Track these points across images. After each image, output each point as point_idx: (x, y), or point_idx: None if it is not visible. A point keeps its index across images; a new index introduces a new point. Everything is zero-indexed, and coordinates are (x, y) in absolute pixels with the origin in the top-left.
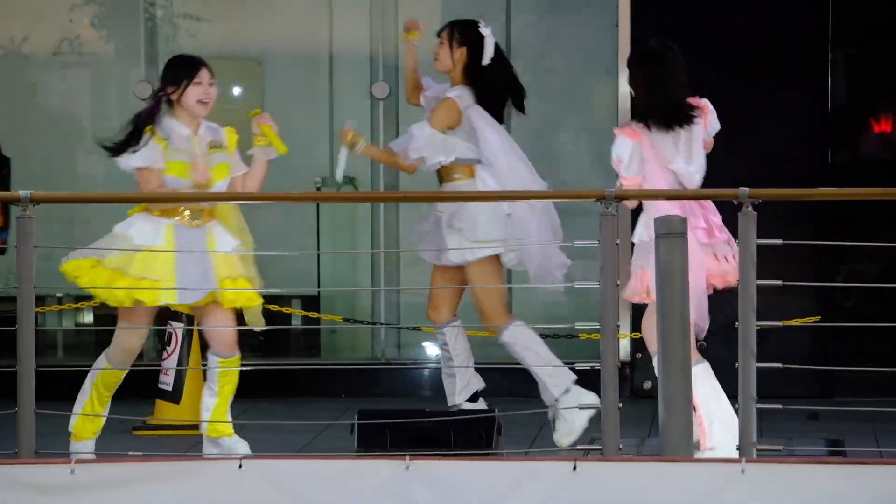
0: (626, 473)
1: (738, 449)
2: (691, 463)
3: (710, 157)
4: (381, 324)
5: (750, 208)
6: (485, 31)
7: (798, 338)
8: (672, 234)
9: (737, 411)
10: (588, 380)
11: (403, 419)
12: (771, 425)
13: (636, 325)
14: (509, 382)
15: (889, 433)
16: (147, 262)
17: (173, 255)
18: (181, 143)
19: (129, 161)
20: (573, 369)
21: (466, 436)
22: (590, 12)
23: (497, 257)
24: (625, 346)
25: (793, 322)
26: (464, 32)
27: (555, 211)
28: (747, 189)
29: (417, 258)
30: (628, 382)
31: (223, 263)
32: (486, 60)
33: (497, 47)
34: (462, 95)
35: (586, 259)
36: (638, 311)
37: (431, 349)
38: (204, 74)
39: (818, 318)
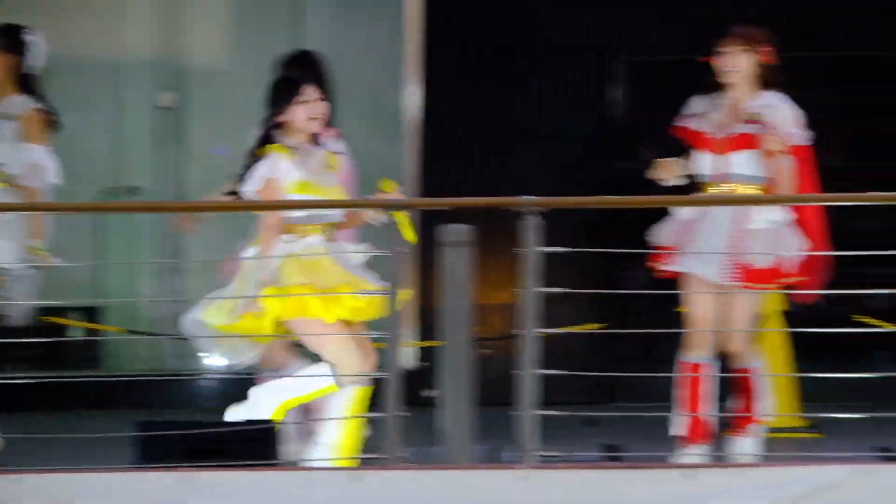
0: (408, 481)
1: (519, 455)
2: (473, 470)
3: (501, 167)
4: (163, 335)
5: (533, 217)
6: (30, 37)
7: (578, 345)
8: (459, 244)
9: (519, 419)
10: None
11: (183, 430)
12: (551, 431)
13: (420, 334)
14: None
15: (664, 438)
16: (309, 267)
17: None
18: (309, 164)
19: (248, 185)
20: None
21: (246, 446)
22: (380, 23)
23: None
24: (408, 354)
25: (573, 329)
26: (9, 38)
27: None
28: (532, 198)
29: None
30: (411, 391)
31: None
32: (32, 68)
33: None
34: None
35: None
36: (423, 319)
37: (213, 360)
38: (311, 91)
39: (599, 325)
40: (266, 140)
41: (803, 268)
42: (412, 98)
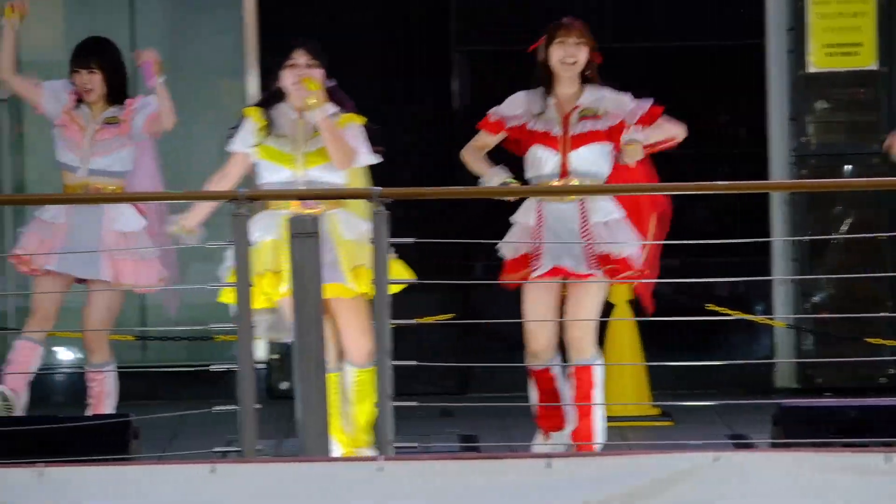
0: (264, 474)
1: (375, 447)
2: (329, 462)
3: None
4: (10, 329)
5: (382, 207)
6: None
7: (433, 336)
8: (305, 234)
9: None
10: (225, 382)
11: (35, 426)
12: (406, 423)
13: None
14: (144, 385)
15: (520, 428)
16: (267, 255)
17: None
18: (286, 127)
19: (228, 146)
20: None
21: (101, 441)
22: (217, 12)
23: None
24: (261, 346)
25: (427, 320)
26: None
27: None
28: (379, 188)
29: None
30: (265, 383)
31: (349, 252)
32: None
33: None
34: None
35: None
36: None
37: (64, 354)
38: (299, 56)
39: (452, 315)
40: (261, 104)
41: (645, 262)
42: (252, 87)
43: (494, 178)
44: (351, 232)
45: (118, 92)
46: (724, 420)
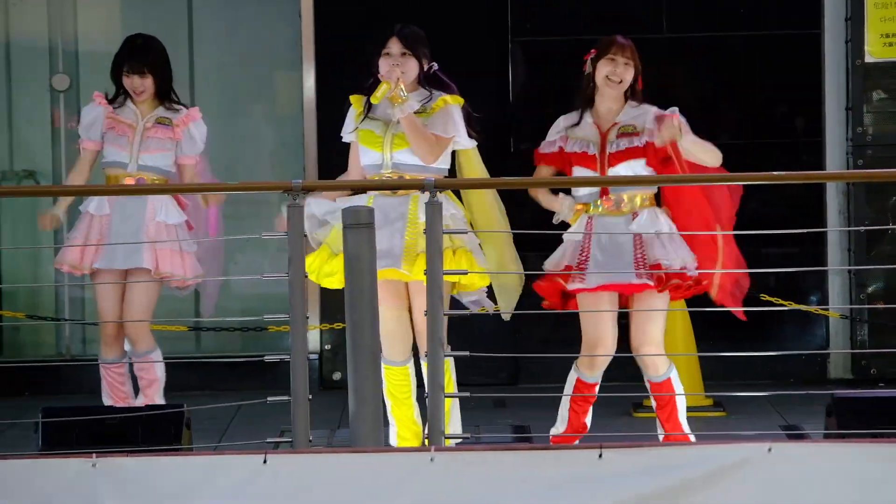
0: (316, 465)
1: (427, 438)
2: (381, 453)
3: None
4: (66, 320)
5: (436, 197)
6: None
7: (485, 326)
8: (359, 226)
9: (426, 400)
10: (278, 372)
11: (89, 416)
12: (459, 413)
13: (325, 317)
14: (197, 376)
15: None
16: (337, 241)
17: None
18: (380, 111)
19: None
20: (263, 362)
21: (154, 431)
22: (273, 4)
23: None
24: (314, 337)
25: (481, 311)
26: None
27: None
28: (433, 178)
29: None
30: (317, 374)
31: (420, 236)
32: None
33: None
34: None
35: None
36: (327, 301)
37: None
38: (393, 45)
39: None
40: (365, 91)
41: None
42: (309, 79)
43: (565, 203)
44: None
45: (166, 90)
46: (778, 410)
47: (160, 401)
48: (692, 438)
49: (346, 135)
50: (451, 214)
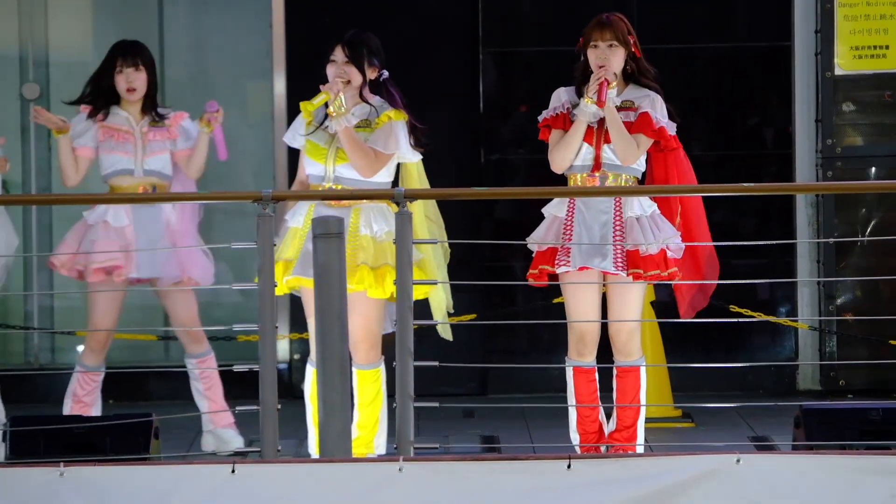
0: (285, 475)
1: (395, 447)
2: (350, 463)
3: None
4: (35, 329)
5: (406, 208)
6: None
7: (454, 336)
8: (329, 235)
9: (395, 409)
10: (247, 382)
11: (57, 425)
12: (428, 423)
13: (294, 326)
14: (166, 385)
15: (541, 429)
16: (286, 243)
17: (305, 235)
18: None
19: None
20: (231, 371)
21: (123, 441)
22: (244, 13)
23: None
24: (283, 347)
25: (450, 321)
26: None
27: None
28: (403, 189)
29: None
30: (287, 383)
31: (360, 248)
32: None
33: None
34: None
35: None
36: (297, 311)
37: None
38: (338, 52)
39: (474, 316)
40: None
41: (682, 260)
42: (279, 88)
43: (587, 114)
44: (368, 229)
45: (153, 95)
46: (747, 422)
47: (223, 402)
48: (638, 449)
49: (292, 141)
50: (390, 231)
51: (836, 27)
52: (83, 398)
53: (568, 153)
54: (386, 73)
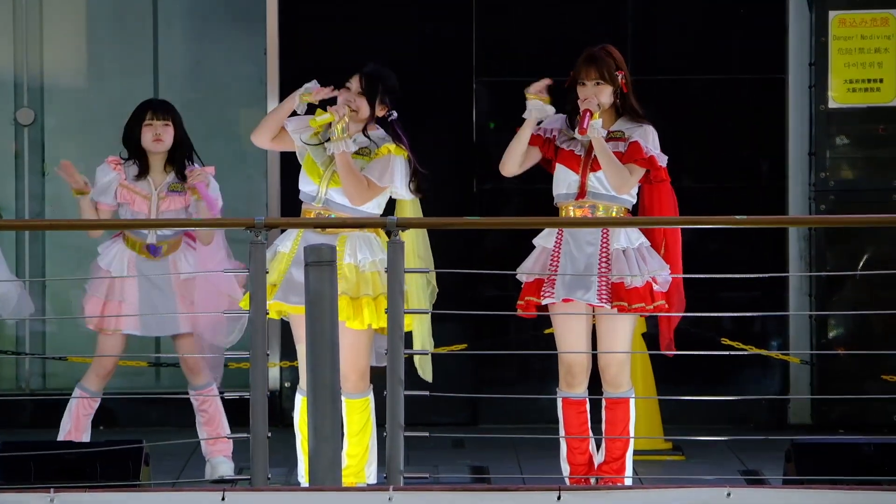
0: (274, 503)
1: (385, 477)
2: (339, 492)
3: None
4: (27, 354)
5: (398, 237)
6: None
7: (445, 366)
8: (321, 263)
9: (385, 439)
10: (237, 409)
11: (48, 451)
12: (418, 453)
13: (285, 354)
14: (157, 412)
15: (531, 460)
16: (272, 267)
17: (291, 260)
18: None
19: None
20: (223, 398)
21: (113, 467)
22: (238, 41)
23: None
24: (274, 374)
25: (440, 350)
26: None
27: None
28: (395, 218)
29: (65, 286)
30: (277, 411)
31: (342, 278)
32: None
33: None
34: None
35: None
36: (288, 338)
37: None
38: (354, 81)
39: (464, 346)
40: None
41: (667, 292)
42: None
43: (532, 112)
44: (352, 258)
45: (181, 156)
46: (737, 455)
47: (227, 429)
48: (627, 482)
49: (290, 126)
50: (382, 259)
51: (831, 60)
52: (79, 423)
53: (513, 151)
54: (395, 115)
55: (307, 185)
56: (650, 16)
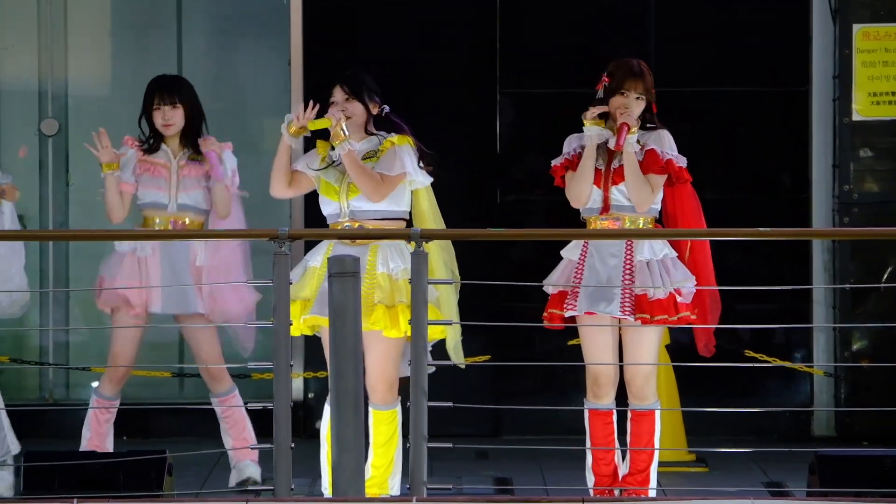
0: None
1: (408, 488)
2: (362, 503)
3: None
4: (50, 364)
5: (422, 248)
6: None
7: (468, 377)
8: (345, 274)
9: (408, 450)
10: (261, 419)
11: (71, 461)
12: (441, 464)
13: (309, 365)
14: (180, 422)
15: (554, 471)
16: (304, 282)
17: (323, 275)
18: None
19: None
20: (246, 408)
21: (136, 477)
22: (262, 51)
23: None
24: (298, 385)
25: (465, 361)
26: None
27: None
28: (419, 229)
29: (85, 297)
30: (301, 422)
31: (377, 287)
32: None
33: None
34: None
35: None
36: (312, 349)
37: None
38: (337, 92)
39: (488, 357)
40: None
41: (694, 301)
42: None
43: (592, 139)
44: (384, 267)
45: (194, 131)
46: (761, 467)
47: (252, 439)
48: (650, 493)
49: (301, 164)
50: (406, 268)
51: (855, 73)
52: (99, 429)
53: (583, 183)
54: (387, 108)
55: (328, 205)
56: (673, 27)
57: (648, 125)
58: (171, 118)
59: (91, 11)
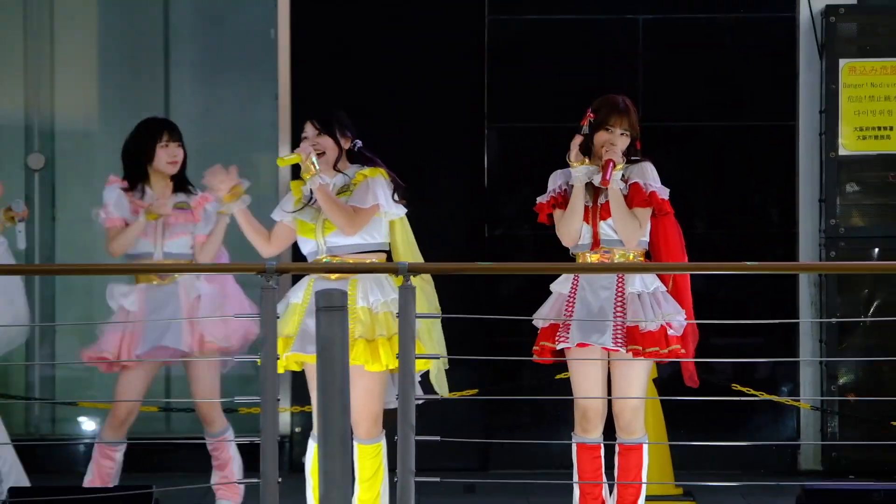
0: None
1: None
2: None
3: None
4: (36, 399)
5: (410, 282)
6: None
7: (456, 411)
8: (333, 308)
9: (396, 484)
10: (248, 453)
11: (56, 497)
12: (429, 498)
13: (296, 399)
14: (167, 457)
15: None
16: (286, 319)
17: (305, 311)
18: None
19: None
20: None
21: None
22: (250, 85)
23: None
24: (285, 420)
25: (451, 395)
26: None
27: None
28: (406, 263)
29: (73, 330)
30: (287, 456)
31: (358, 321)
32: None
33: None
34: None
35: None
36: (298, 383)
37: (88, 424)
38: (308, 128)
39: (476, 391)
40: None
41: (682, 334)
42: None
43: (581, 179)
44: (364, 300)
45: (184, 177)
46: (748, 501)
47: (240, 476)
48: None
49: (279, 216)
50: (394, 299)
51: (841, 108)
52: (105, 474)
53: (574, 223)
54: (360, 143)
55: (306, 244)
56: (661, 62)
57: (632, 157)
58: (178, 156)
59: (78, 45)
